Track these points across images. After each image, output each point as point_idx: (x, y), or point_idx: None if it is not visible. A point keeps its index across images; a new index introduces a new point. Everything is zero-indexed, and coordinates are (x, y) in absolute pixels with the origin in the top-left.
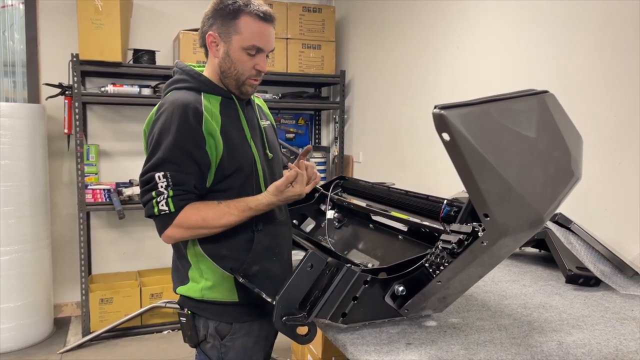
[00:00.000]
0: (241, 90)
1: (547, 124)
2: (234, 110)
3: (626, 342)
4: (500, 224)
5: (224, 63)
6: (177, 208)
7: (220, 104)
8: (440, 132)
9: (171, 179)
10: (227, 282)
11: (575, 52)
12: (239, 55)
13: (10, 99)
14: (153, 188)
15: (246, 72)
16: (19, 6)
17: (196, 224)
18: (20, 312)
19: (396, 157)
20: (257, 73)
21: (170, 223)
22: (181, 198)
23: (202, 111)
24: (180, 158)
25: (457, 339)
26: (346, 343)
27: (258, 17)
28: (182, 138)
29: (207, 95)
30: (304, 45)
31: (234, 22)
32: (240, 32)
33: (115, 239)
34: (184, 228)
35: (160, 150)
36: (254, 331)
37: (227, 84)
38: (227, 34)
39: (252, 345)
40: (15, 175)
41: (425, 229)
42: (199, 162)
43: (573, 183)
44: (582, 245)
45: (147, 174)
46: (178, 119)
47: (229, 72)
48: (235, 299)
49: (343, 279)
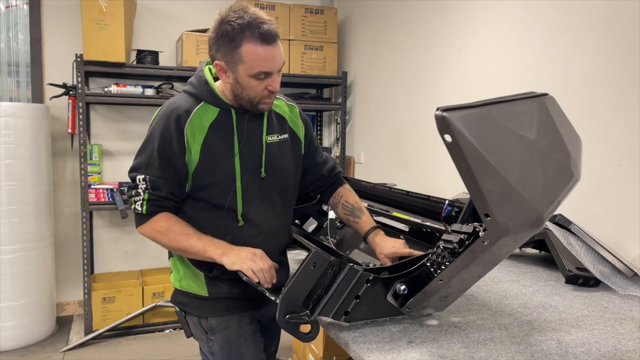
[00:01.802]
0: (257, 109)
1: (547, 126)
2: (228, 124)
3: (624, 341)
4: (501, 223)
5: (235, 88)
6: (148, 212)
7: (217, 116)
8: (443, 134)
9: (149, 183)
10: (197, 279)
11: (576, 55)
12: (247, 81)
13: (14, 98)
14: (134, 187)
15: (258, 95)
16: (23, 6)
17: (160, 229)
18: (23, 310)
19: (397, 158)
20: (269, 94)
21: (142, 223)
22: (155, 203)
23: (187, 121)
24: (160, 164)
25: (457, 338)
26: (348, 341)
27: (260, 42)
28: (165, 145)
29: (207, 105)
30: (306, 47)
31: (237, 51)
32: (244, 62)
33: (117, 238)
34: (152, 229)
35: (145, 152)
36: (233, 325)
37: (242, 104)
38: (232, 64)
39: (235, 338)
40: (19, 174)
41: (426, 229)
42: (177, 170)
43: (572, 184)
44: (581, 246)
45: (131, 173)
46: (164, 124)
47: (242, 95)
48: (205, 294)
49: (346, 277)
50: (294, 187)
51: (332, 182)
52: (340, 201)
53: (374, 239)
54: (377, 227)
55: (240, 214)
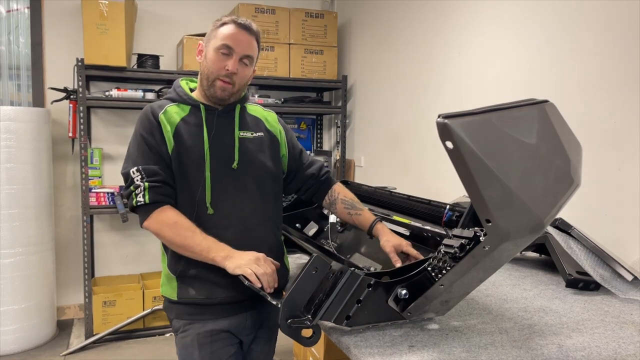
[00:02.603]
0: (211, 92)
1: (548, 133)
2: (198, 119)
3: (625, 345)
4: (501, 228)
5: (202, 66)
6: (152, 201)
7: (188, 112)
8: (444, 141)
9: (144, 172)
10: (170, 283)
11: (575, 59)
12: (212, 55)
13: (15, 102)
14: (131, 183)
15: (215, 71)
16: (25, 11)
17: (167, 221)
18: (24, 314)
19: (398, 161)
20: (226, 74)
21: (147, 216)
22: (157, 191)
23: (159, 113)
24: (148, 153)
25: (458, 342)
26: (350, 345)
27: (235, 25)
28: (147, 136)
29: (180, 104)
30: (307, 51)
31: (216, 30)
32: (215, 37)
33: (118, 242)
34: (159, 222)
35: (131, 149)
36: (192, 329)
37: (203, 88)
38: (208, 40)
39: (190, 342)
40: (20, 178)
41: (427, 234)
42: (162, 155)
43: (573, 189)
44: (582, 250)
45: (123, 171)
46: (143, 121)
47: (204, 73)
48: (174, 298)
49: (347, 282)
50: (274, 182)
51: (323, 181)
52: (339, 197)
53: (382, 228)
54: (380, 219)
55: (209, 202)
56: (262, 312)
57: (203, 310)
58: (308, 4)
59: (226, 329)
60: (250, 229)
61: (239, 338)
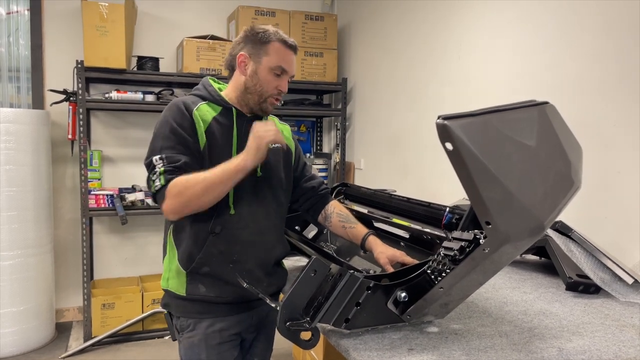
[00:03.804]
0: (261, 107)
1: (548, 134)
2: (229, 121)
3: (625, 348)
4: (501, 231)
5: (250, 80)
6: (166, 182)
7: (219, 113)
8: (444, 142)
9: (166, 160)
10: (179, 277)
11: (575, 61)
12: (265, 74)
13: (14, 104)
14: (152, 170)
15: (269, 91)
16: (25, 12)
17: (180, 188)
18: (23, 316)
19: (397, 164)
20: (278, 93)
21: (163, 200)
22: (170, 172)
23: (193, 108)
24: (175, 142)
25: (458, 345)
26: (349, 348)
27: (286, 45)
28: (177, 125)
29: (211, 103)
30: (307, 53)
31: (265, 46)
32: (269, 54)
33: (117, 244)
34: (174, 195)
35: (158, 138)
36: (200, 328)
37: (248, 100)
38: (257, 55)
39: (198, 342)
40: (19, 180)
41: (427, 236)
42: (191, 148)
43: (573, 192)
44: (582, 253)
45: (147, 159)
46: (175, 112)
47: (254, 88)
48: (183, 294)
49: (346, 285)
50: (286, 195)
51: (322, 196)
52: (334, 211)
53: (375, 241)
54: (374, 232)
55: (232, 202)
56: (264, 309)
57: (211, 309)
58: (308, 6)
59: (234, 329)
60: (263, 235)
61: (243, 337)
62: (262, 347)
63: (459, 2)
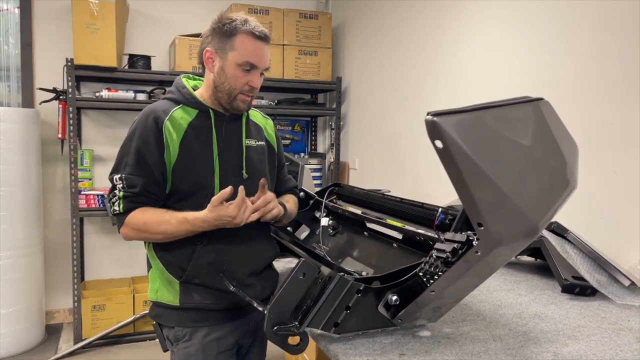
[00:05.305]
0: (232, 105)
1: (543, 132)
2: (207, 125)
3: (622, 353)
4: (494, 233)
5: (218, 78)
6: (125, 210)
7: (195, 116)
8: (433, 140)
9: (125, 182)
10: (172, 287)
11: (571, 60)
12: (233, 71)
13: (4, 103)
14: (113, 189)
15: (238, 88)
16: (14, 11)
17: (139, 226)
18: (12, 318)
19: (392, 163)
20: (249, 89)
21: (122, 223)
22: (130, 200)
23: (164, 120)
24: (136, 162)
25: (451, 350)
26: (339, 353)
27: (254, 36)
28: (142, 144)
29: (185, 107)
30: (301, 52)
31: (231, 39)
32: (235, 49)
33: (108, 245)
34: (131, 228)
35: (122, 153)
36: (196, 338)
37: (219, 98)
38: (223, 50)
39: (195, 352)
40: (9, 180)
41: (419, 237)
42: (153, 167)
43: (569, 192)
44: (578, 254)
45: (110, 174)
46: (141, 125)
47: (222, 86)
48: (177, 304)
49: (336, 288)
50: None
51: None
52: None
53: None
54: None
55: None
56: (260, 314)
57: (208, 316)
58: (302, 4)
59: (231, 337)
60: (253, 237)
61: (240, 344)
62: (257, 352)
63: (454, 0)
